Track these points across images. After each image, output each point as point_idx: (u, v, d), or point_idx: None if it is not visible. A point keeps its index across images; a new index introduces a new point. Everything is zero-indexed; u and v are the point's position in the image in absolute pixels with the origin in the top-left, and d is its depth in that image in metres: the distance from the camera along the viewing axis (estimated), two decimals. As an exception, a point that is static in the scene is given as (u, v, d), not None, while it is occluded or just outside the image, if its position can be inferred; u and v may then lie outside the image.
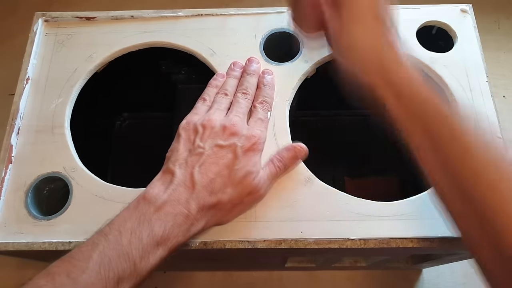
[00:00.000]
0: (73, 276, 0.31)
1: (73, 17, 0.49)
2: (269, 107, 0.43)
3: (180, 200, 0.36)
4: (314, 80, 0.47)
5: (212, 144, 0.39)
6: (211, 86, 0.44)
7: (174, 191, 0.36)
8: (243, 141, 0.39)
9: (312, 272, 0.65)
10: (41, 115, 0.44)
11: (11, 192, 0.41)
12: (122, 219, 0.35)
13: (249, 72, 0.44)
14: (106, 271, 0.32)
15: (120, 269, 0.32)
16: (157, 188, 0.36)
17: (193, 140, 0.39)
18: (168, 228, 0.34)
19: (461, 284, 0.64)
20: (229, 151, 0.38)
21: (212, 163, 0.38)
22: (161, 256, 0.34)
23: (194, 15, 0.49)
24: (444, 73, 0.45)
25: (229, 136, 0.39)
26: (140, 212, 0.35)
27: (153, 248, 0.34)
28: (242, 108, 0.42)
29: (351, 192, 0.41)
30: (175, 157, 0.38)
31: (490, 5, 0.82)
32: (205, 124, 0.40)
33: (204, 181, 0.37)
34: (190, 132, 0.40)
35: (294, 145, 0.41)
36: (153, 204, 0.35)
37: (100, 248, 0.32)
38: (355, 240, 0.38)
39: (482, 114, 0.43)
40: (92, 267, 0.31)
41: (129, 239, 0.33)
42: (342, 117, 0.68)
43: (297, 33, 0.39)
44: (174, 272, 0.66)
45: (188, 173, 0.37)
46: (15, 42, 0.83)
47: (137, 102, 0.66)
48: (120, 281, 0.32)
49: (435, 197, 0.34)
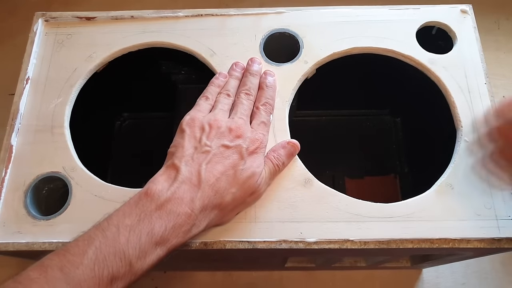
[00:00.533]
0: (66, 271, 0.30)
1: (73, 17, 0.49)
2: (272, 110, 0.43)
3: (184, 198, 0.35)
4: (314, 80, 0.47)
5: (218, 144, 0.38)
6: (214, 85, 0.44)
7: (178, 188, 0.35)
8: (248, 143, 0.39)
9: (312, 272, 0.65)
10: (41, 115, 0.44)
11: (10, 192, 0.41)
12: (122, 214, 0.34)
13: (252, 73, 0.44)
14: (100, 269, 0.31)
15: (115, 267, 0.31)
16: (160, 184, 0.35)
17: (199, 138, 0.39)
18: (169, 228, 0.34)
19: (461, 284, 0.64)
20: (234, 152, 0.38)
21: (218, 162, 0.37)
22: (159, 257, 0.34)
23: (194, 15, 0.49)
24: (443, 75, 0.45)
25: (235, 138, 0.39)
26: (140, 209, 0.34)
27: (151, 248, 0.33)
28: (246, 110, 0.42)
29: (351, 192, 0.41)
30: (180, 153, 0.38)
31: (490, 5, 0.82)
32: (212, 124, 0.39)
33: (210, 180, 0.36)
34: (196, 129, 0.39)
35: (288, 141, 0.41)
36: (155, 201, 0.34)
37: (96, 244, 0.32)
38: (355, 241, 0.38)
39: (479, 115, 0.43)
40: (87, 264, 0.31)
41: (127, 237, 0.32)
42: (342, 117, 0.68)
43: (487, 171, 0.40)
44: (174, 272, 0.66)
45: (195, 170, 0.36)
46: (15, 42, 0.83)
47: (137, 102, 0.66)
48: (114, 280, 0.31)
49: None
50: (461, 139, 0.42)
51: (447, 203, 0.39)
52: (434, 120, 0.50)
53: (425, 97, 0.49)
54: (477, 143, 0.40)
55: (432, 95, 0.46)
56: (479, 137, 0.40)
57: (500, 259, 0.65)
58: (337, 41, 0.47)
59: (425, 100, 0.50)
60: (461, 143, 0.42)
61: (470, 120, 0.43)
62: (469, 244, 0.38)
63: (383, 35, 0.47)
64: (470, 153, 0.40)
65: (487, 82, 0.44)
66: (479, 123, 0.42)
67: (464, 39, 0.47)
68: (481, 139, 0.40)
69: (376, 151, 0.65)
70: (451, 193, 0.40)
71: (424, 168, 0.57)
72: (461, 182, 0.40)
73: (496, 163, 0.37)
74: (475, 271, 0.65)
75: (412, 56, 0.46)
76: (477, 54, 0.46)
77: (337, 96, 0.62)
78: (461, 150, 0.42)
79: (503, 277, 0.65)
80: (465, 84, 0.44)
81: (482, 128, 0.40)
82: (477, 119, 0.42)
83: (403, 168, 0.64)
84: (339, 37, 0.47)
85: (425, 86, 0.46)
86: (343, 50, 0.46)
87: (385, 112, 0.67)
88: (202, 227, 0.36)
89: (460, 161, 0.41)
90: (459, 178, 0.40)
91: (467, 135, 0.42)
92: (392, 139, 0.65)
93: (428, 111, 0.52)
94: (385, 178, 0.64)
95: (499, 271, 0.65)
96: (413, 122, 0.63)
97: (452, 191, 0.40)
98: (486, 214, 0.39)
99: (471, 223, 0.39)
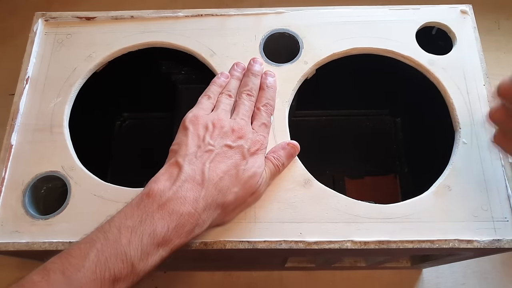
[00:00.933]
0: (68, 274, 0.30)
1: (73, 17, 0.49)
2: (272, 110, 0.43)
3: (188, 197, 0.35)
4: (314, 80, 0.47)
5: (222, 143, 0.38)
6: (216, 85, 0.44)
7: (181, 187, 0.35)
8: (250, 144, 0.39)
9: (312, 272, 0.65)
10: (40, 114, 0.44)
11: (9, 191, 0.41)
12: (123, 216, 0.34)
13: (253, 73, 0.44)
14: (102, 271, 0.31)
15: (116, 269, 0.31)
16: (162, 184, 0.35)
17: (203, 137, 0.39)
18: (172, 228, 0.33)
19: (461, 284, 0.64)
20: (237, 152, 0.38)
21: (221, 162, 0.37)
22: (162, 257, 0.33)
23: (194, 15, 0.49)
24: (443, 76, 0.45)
25: (237, 139, 0.39)
26: (142, 210, 0.34)
27: (154, 249, 0.33)
28: (247, 111, 0.42)
29: (351, 192, 0.41)
30: (184, 151, 0.37)
31: (490, 6, 0.82)
32: (215, 123, 0.40)
33: (214, 179, 0.36)
34: (200, 128, 0.39)
35: (288, 142, 0.42)
36: (157, 201, 0.34)
37: (98, 246, 0.32)
38: (355, 241, 0.38)
39: (478, 117, 0.43)
40: (88, 266, 0.31)
41: (128, 238, 0.32)
42: (342, 117, 0.68)
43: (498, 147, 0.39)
44: (174, 272, 0.66)
45: (198, 168, 0.36)
46: (15, 42, 0.83)
47: (137, 102, 0.66)
48: (116, 282, 0.31)
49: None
50: (459, 140, 0.42)
51: (445, 204, 0.39)
52: (435, 120, 0.50)
53: (425, 97, 0.49)
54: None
55: (432, 95, 0.46)
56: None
57: (500, 259, 0.65)
58: (337, 41, 0.47)
59: (426, 100, 0.50)
60: (459, 145, 0.42)
61: (469, 121, 0.43)
62: (470, 244, 0.38)
63: (383, 36, 0.47)
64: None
65: (486, 83, 0.44)
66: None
67: (464, 39, 0.47)
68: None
69: (376, 151, 0.65)
70: (449, 194, 0.40)
71: (424, 168, 0.57)
72: (458, 184, 0.40)
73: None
74: (475, 271, 0.65)
75: (412, 57, 0.46)
76: (476, 55, 0.46)
77: (337, 96, 0.62)
78: (459, 152, 0.42)
79: (503, 277, 0.64)
80: (464, 86, 0.44)
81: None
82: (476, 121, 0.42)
83: (403, 168, 0.64)
84: (339, 38, 0.47)
85: (425, 87, 0.46)
86: (343, 51, 0.46)
87: (385, 112, 0.67)
88: (205, 227, 0.36)
89: (458, 163, 0.41)
90: (457, 179, 0.40)
91: (465, 136, 0.42)
92: (392, 139, 0.65)
93: (429, 111, 0.52)
94: (385, 178, 0.64)
95: (499, 271, 0.65)
96: (413, 122, 0.63)
97: (450, 192, 0.40)
98: (483, 216, 0.39)
99: (468, 224, 0.39)
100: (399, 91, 0.58)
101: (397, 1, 0.50)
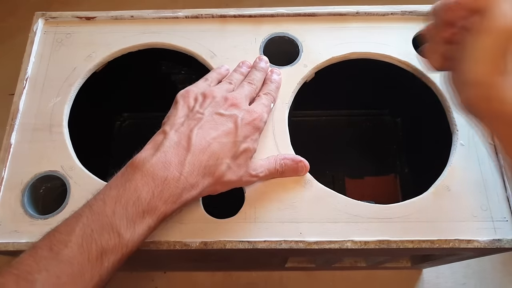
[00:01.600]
0: (55, 249, 0.30)
1: (73, 17, 0.49)
2: (273, 100, 0.42)
3: (172, 162, 0.34)
4: (314, 82, 0.47)
5: (212, 111, 0.37)
6: (215, 72, 0.44)
7: (165, 153, 0.34)
8: (244, 114, 0.38)
9: (312, 272, 0.65)
10: (39, 114, 0.44)
11: (8, 191, 0.41)
12: (108, 187, 0.33)
13: (258, 68, 0.44)
14: (88, 244, 0.31)
15: (103, 241, 0.31)
16: (146, 152, 0.35)
17: (192, 107, 0.38)
18: (157, 194, 0.33)
19: (461, 284, 0.64)
20: (229, 120, 0.37)
21: (211, 128, 0.36)
22: (149, 226, 0.33)
23: (193, 16, 0.49)
24: (439, 80, 0.45)
25: (230, 107, 0.38)
26: (125, 178, 0.33)
27: (140, 217, 0.32)
28: (245, 91, 0.41)
29: (351, 192, 0.41)
30: (171, 121, 0.37)
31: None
32: (206, 94, 0.39)
33: (202, 144, 0.35)
34: (190, 99, 0.39)
35: (301, 160, 0.40)
36: (140, 169, 0.33)
37: (83, 220, 0.31)
38: (356, 241, 0.38)
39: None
40: (75, 241, 0.30)
41: (113, 208, 0.32)
42: (342, 117, 0.68)
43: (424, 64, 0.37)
44: (174, 272, 0.66)
45: (184, 134, 0.35)
46: (15, 42, 0.83)
47: (137, 102, 0.66)
48: (104, 253, 0.31)
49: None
50: (457, 142, 0.42)
51: (444, 204, 0.39)
52: (434, 120, 0.50)
53: (424, 99, 0.49)
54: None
55: (430, 97, 0.46)
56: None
57: (500, 259, 0.65)
58: (336, 46, 0.47)
59: (425, 102, 0.50)
60: (457, 146, 0.42)
61: (466, 123, 0.43)
62: (470, 244, 0.38)
63: (381, 41, 0.47)
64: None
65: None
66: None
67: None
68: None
69: (376, 151, 0.65)
70: (448, 195, 0.40)
71: (425, 168, 0.57)
72: (457, 184, 0.40)
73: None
74: (475, 271, 0.65)
75: (408, 61, 0.46)
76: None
77: (336, 96, 0.62)
78: (457, 153, 0.42)
79: (503, 277, 0.64)
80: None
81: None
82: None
83: (403, 168, 0.64)
84: (338, 42, 0.47)
85: (423, 90, 0.46)
86: (342, 55, 0.47)
87: (385, 112, 0.67)
88: (195, 193, 0.35)
89: (456, 164, 0.41)
90: (455, 180, 0.41)
91: (463, 138, 0.42)
92: (392, 139, 0.65)
93: (428, 112, 0.52)
94: (385, 178, 0.64)
95: (499, 271, 0.65)
96: (413, 122, 0.63)
97: (449, 193, 0.40)
98: (483, 216, 0.39)
99: (468, 224, 0.39)
100: (398, 93, 0.58)
101: (397, 1, 0.49)
